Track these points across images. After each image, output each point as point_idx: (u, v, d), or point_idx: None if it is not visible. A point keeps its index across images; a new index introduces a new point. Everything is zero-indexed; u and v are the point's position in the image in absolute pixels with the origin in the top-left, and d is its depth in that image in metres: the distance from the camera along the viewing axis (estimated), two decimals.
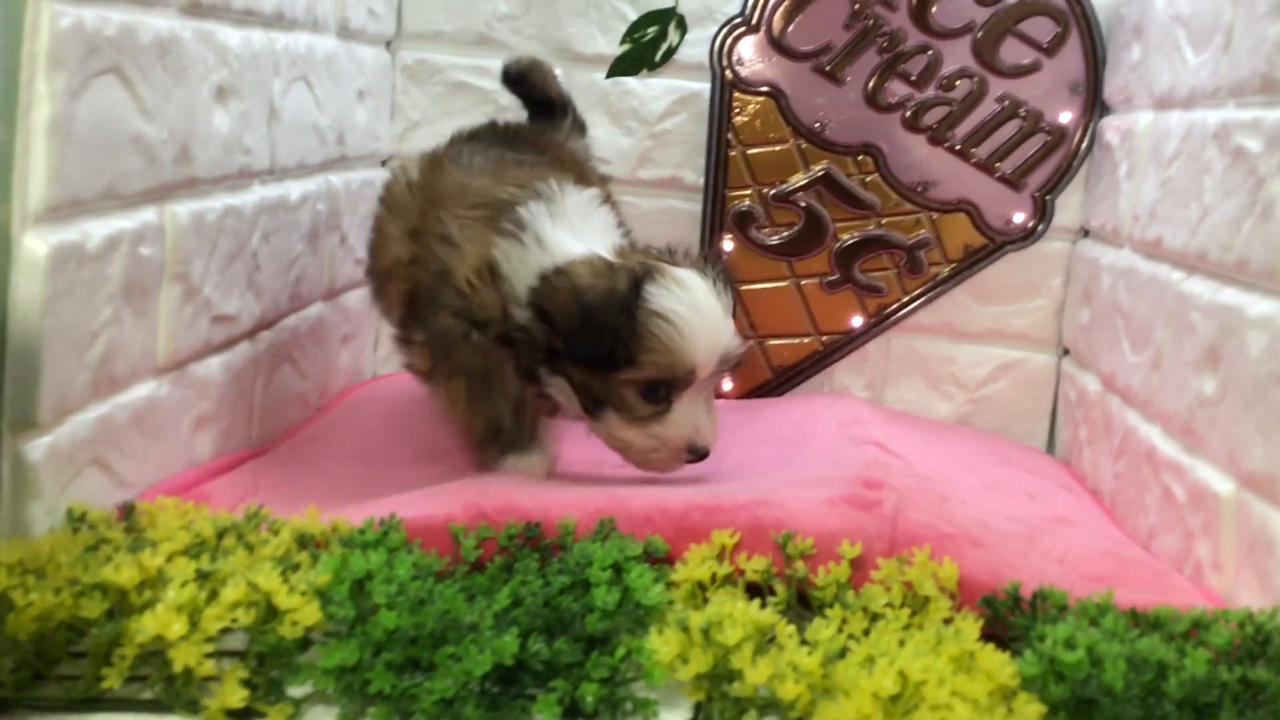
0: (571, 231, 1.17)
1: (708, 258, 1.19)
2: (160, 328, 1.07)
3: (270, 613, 0.79)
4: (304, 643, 0.80)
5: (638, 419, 1.13)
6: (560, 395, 1.17)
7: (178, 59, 1.03)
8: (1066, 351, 1.65)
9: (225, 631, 0.79)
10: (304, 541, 0.92)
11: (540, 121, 1.47)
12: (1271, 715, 0.77)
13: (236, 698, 0.76)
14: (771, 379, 1.69)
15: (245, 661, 0.79)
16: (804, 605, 0.94)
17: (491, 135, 1.37)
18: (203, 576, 0.83)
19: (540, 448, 1.20)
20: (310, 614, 0.78)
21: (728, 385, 1.65)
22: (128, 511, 0.98)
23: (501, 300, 1.15)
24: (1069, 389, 1.60)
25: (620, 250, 1.18)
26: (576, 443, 1.25)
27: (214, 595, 0.80)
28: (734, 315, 1.17)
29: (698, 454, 1.15)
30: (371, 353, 1.75)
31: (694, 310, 1.10)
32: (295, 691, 0.79)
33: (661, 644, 0.78)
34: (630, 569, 0.88)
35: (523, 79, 1.48)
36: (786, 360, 1.69)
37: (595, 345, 1.10)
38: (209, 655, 0.77)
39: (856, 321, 1.68)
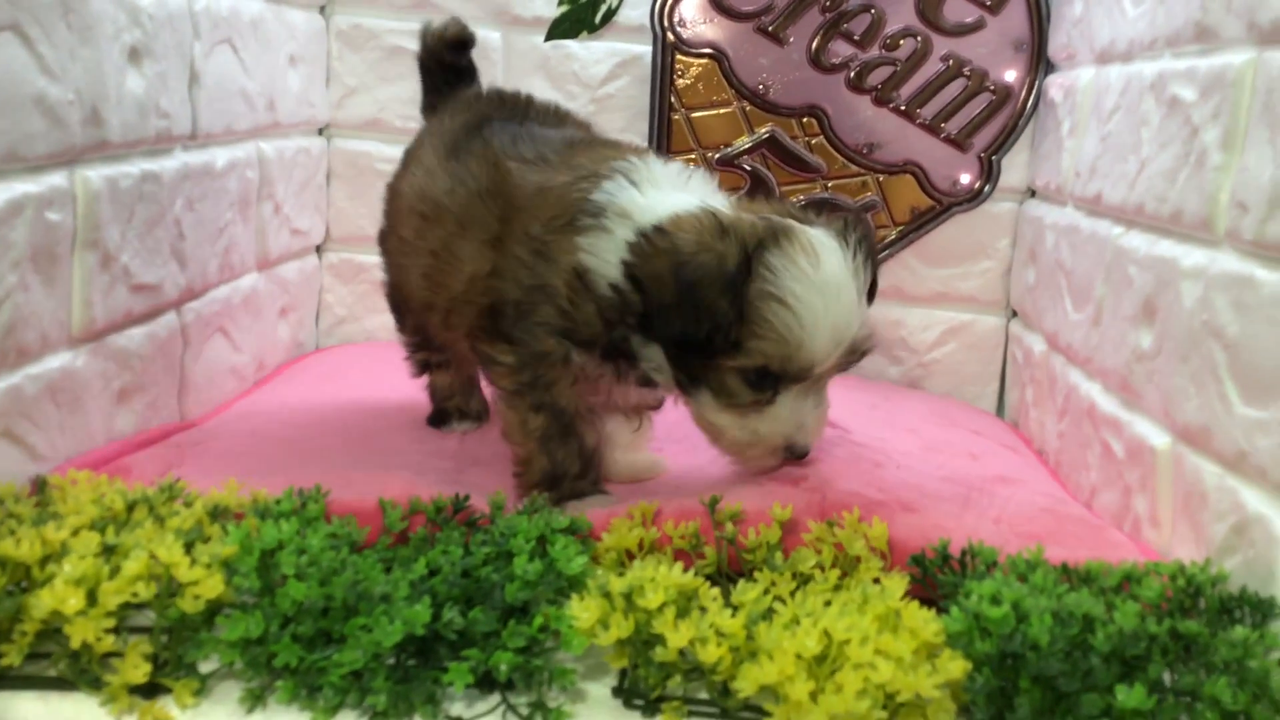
0: (667, 192, 1.02)
1: (851, 221, 1.02)
2: (74, 296, 1.03)
3: (173, 586, 0.76)
4: (212, 617, 0.78)
5: (737, 406, 0.99)
6: (653, 368, 1.02)
7: (82, 17, 1.00)
8: (1014, 313, 1.64)
9: (136, 608, 0.76)
10: (217, 514, 0.89)
11: (467, 86, 1.34)
12: (1202, 667, 0.76)
13: (140, 673, 0.73)
14: None
15: (151, 637, 0.76)
16: (734, 574, 0.92)
17: (510, 111, 1.22)
18: (108, 550, 0.80)
19: (600, 492, 1.08)
20: (213, 586, 0.76)
21: None
22: (40, 485, 0.96)
23: (599, 307, 1.01)
24: (1016, 350, 1.59)
25: (741, 204, 1.03)
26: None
27: (117, 569, 0.77)
28: (870, 296, 1.02)
29: (796, 454, 1.02)
30: (313, 326, 1.72)
31: (819, 293, 0.94)
32: (203, 667, 0.77)
33: (581, 610, 0.76)
34: (555, 541, 0.86)
35: (462, 43, 1.34)
36: None
37: (691, 328, 0.95)
38: (114, 630, 0.75)
39: None
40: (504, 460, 1.12)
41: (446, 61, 1.32)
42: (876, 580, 0.87)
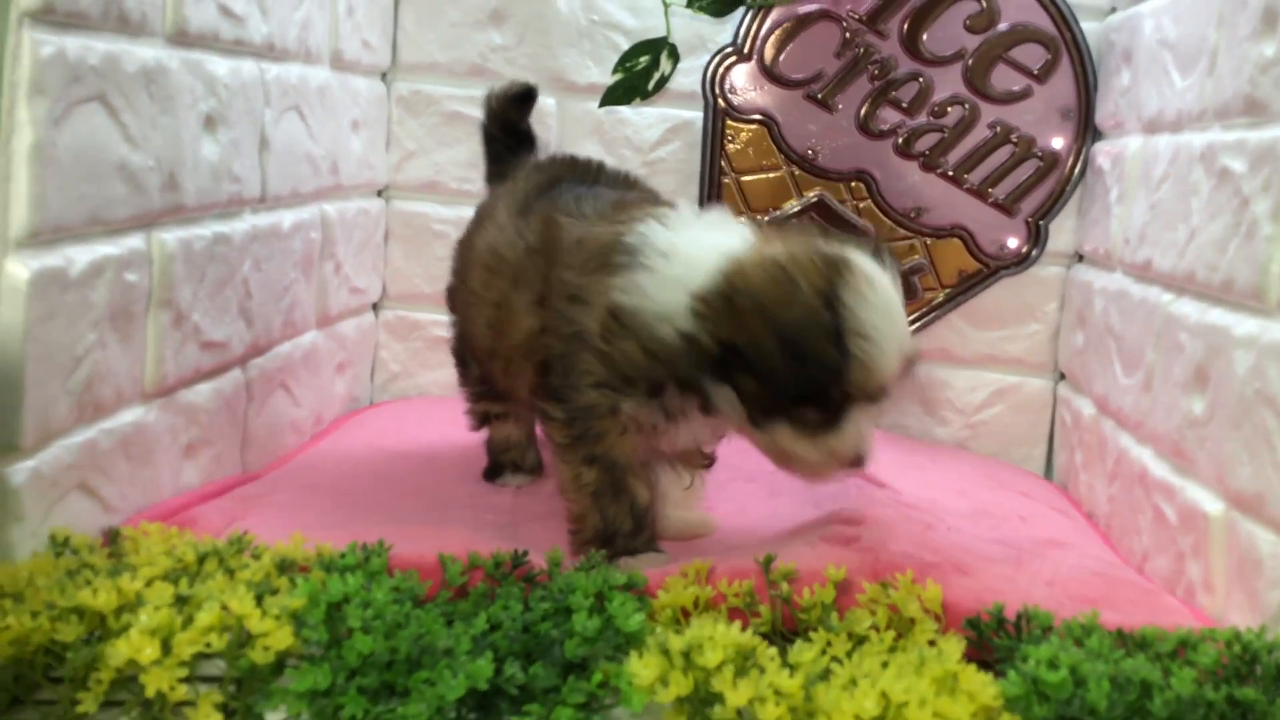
0: (698, 230, 1.05)
1: (879, 246, 1.05)
2: (148, 353, 1.07)
3: (244, 637, 0.78)
4: (281, 668, 0.80)
5: (810, 430, 1.01)
6: (724, 404, 1.03)
7: (164, 88, 1.04)
8: (1063, 376, 1.64)
9: (207, 658, 0.79)
10: (284, 567, 0.91)
11: (528, 152, 1.39)
12: None
13: None
14: None
15: (222, 686, 0.79)
16: (789, 633, 0.93)
17: (582, 174, 1.26)
18: (180, 601, 0.82)
19: (653, 550, 1.10)
20: (283, 638, 0.78)
21: None
22: (112, 537, 0.98)
23: (641, 343, 1.03)
24: (1065, 413, 1.59)
25: (768, 235, 1.04)
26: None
27: (190, 620, 0.79)
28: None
29: (859, 463, 1.03)
30: (368, 380, 1.76)
31: (885, 317, 0.98)
32: (271, 717, 0.78)
33: (641, 667, 0.77)
34: (613, 598, 0.87)
35: (525, 97, 1.38)
36: None
37: (805, 383, 0.98)
38: (185, 680, 0.77)
39: None
40: (558, 516, 1.14)
41: (510, 121, 1.38)
42: (932, 642, 0.87)
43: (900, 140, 1.63)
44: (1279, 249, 0.98)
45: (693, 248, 1.03)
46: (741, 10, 1.62)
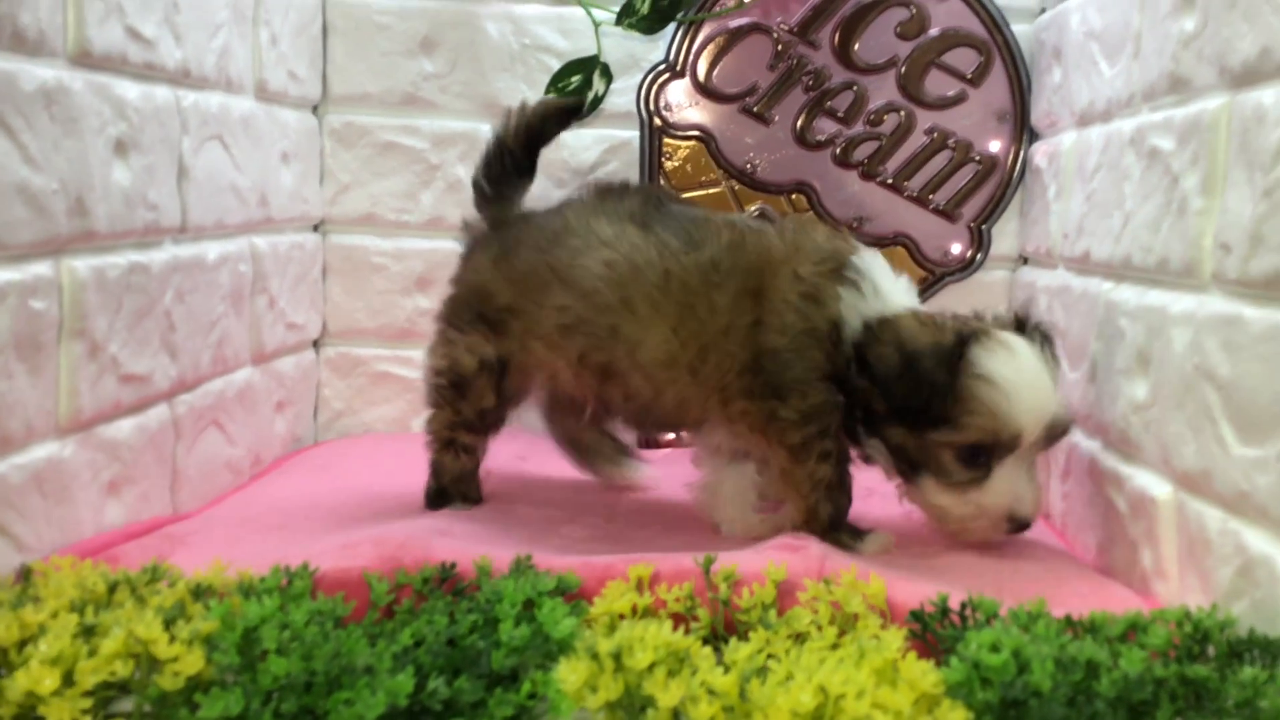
0: (897, 288, 1.17)
1: (1036, 326, 1.16)
2: (60, 385, 1.03)
3: (152, 664, 0.74)
4: (191, 694, 0.76)
5: (956, 484, 1.10)
6: (878, 456, 1.15)
7: (67, 109, 1.01)
8: None
9: (115, 687, 0.75)
10: (200, 593, 0.88)
11: (527, 179, 1.37)
12: (1214, 714, 0.73)
13: None
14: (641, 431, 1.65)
15: (132, 716, 0.75)
16: (730, 637, 0.90)
17: (668, 196, 1.31)
18: (87, 631, 0.78)
19: (875, 531, 1.18)
20: (193, 663, 0.74)
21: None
22: (24, 574, 0.94)
23: (846, 355, 1.13)
24: None
25: (940, 314, 1.16)
26: None
27: (96, 651, 0.75)
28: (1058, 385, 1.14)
29: (1019, 524, 1.11)
30: (311, 420, 1.72)
31: (1019, 374, 1.08)
32: None
33: (569, 672, 0.74)
34: (543, 604, 0.84)
35: (574, 113, 1.39)
36: None
37: (913, 395, 1.08)
38: (94, 713, 0.73)
39: None
40: (511, 541, 1.12)
41: (540, 139, 1.36)
42: (876, 638, 0.84)
43: (838, 150, 1.62)
44: (1210, 223, 0.97)
45: (893, 295, 1.15)
46: (673, 27, 1.62)
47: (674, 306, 1.19)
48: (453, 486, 1.33)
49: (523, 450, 1.55)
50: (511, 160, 1.34)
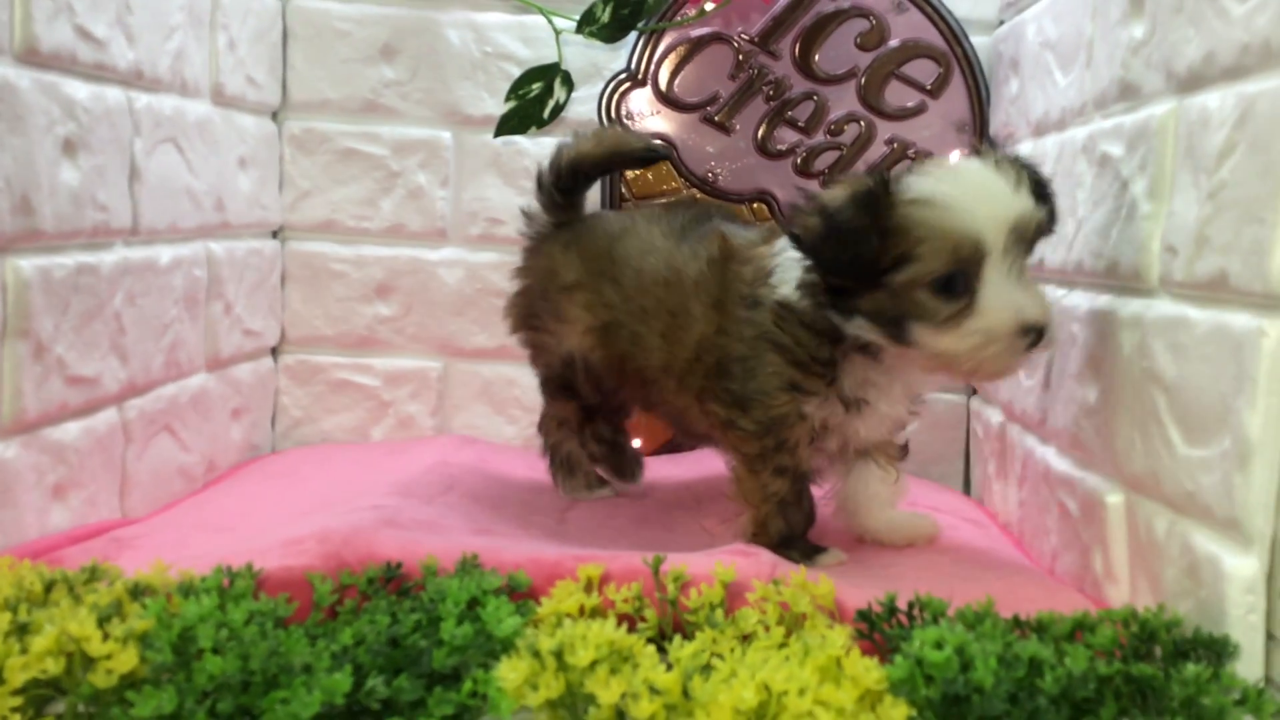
0: None
1: (1002, 154, 1.06)
2: (4, 385, 1.02)
3: (85, 662, 0.73)
4: (124, 693, 0.74)
5: (947, 321, 1.00)
6: (868, 335, 1.06)
7: (12, 106, 1.00)
8: (974, 390, 1.63)
9: (47, 685, 0.73)
10: (138, 592, 0.86)
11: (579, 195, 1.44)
12: (1158, 712, 0.73)
13: None
14: (677, 436, 1.65)
15: (65, 715, 0.73)
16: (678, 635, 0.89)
17: (713, 210, 1.38)
18: (20, 629, 0.77)
19: (831, 548, 1.17)
20: (127, 660, 0.73)
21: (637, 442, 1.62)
22: None
23: (801, 320, 1.11)
24: (977, 425, 1.58)
25: None
26: None
27: (26, 647, 0.74)
28: (1029, 188, 1.03)
29: (1035, 332, 0.99)
30: (269, 428, 1.70)
31: (958, 185, 1.00)
32: None
33: (509, 670, 0.73)
34: (487, 603, 0.83)
35: (650, 159, 1.51)
36: None
37: (840, 251, 1.03)
38: (25, 710, 0.71)
39: None
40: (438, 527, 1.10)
41: (615, 169, 1.52)
42: (822, 637, 0.84)
43: (799, 160, 1.62)
44: (1157, 226, 0.97)
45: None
46: (634, 36, 1.62)
47: (675, 306, 1.24)
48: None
49: (483, 454, 1.54)
50: (585, 178, 1.42)
